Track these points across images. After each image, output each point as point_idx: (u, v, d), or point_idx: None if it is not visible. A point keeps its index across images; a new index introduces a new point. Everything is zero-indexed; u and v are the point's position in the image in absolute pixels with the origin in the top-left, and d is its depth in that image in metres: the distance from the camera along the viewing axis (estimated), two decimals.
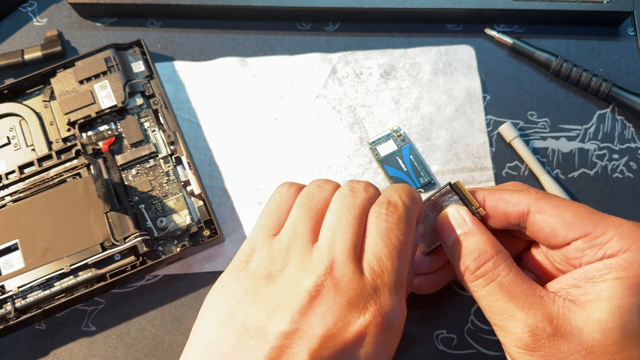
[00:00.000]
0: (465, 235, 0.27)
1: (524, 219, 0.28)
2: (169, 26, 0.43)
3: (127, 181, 0.37)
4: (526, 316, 0.25)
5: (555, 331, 0.24)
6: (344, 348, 0.22)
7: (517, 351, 0.25)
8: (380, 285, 0.24)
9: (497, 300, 0.25)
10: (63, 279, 0.34)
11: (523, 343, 0.25)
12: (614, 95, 0.39)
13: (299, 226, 0.25)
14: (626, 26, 0.42)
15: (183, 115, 0.40)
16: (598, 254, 0.25)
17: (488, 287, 0.26)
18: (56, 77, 0.39)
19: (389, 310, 0.23)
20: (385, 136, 0.38)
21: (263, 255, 0.25)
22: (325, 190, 0.27)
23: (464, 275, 0.27)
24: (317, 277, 0.23)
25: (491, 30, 0.41)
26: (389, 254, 0.24)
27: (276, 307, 0.23)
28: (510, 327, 0.25)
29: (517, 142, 0.38)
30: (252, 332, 0.23)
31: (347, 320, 0.22)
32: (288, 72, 0.41)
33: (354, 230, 0.25)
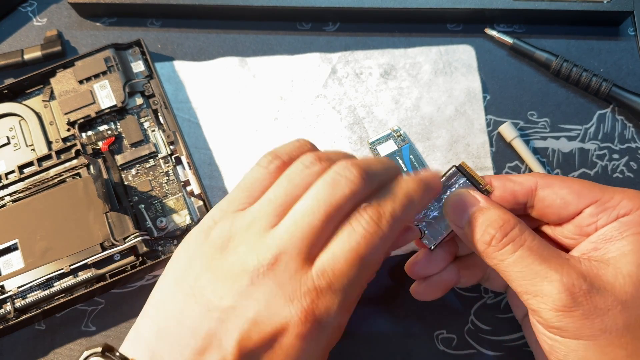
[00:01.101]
0: (480, 210, 0.27)
1: (532, 195, 0.28)
2: (168, 26, 0.43)
3: (127, 181, 0.37)
4: (561, 276, 0.24)
5: (591, 287, 0.24)
6: (270, 336, 0.23)
7: (555, 315, 0.24)
8: (324, 287, 0.23)
9: (529, 264, 0.25)
10: (63, 279, 0.34)
11: (562, 304, 0.24)
12: (614, 95, 0.39)
13: (266, 207, 0.25)
14: (626, 26, 0.42)
15: (183, 115, 0.40)
16: (612, 215, 0.26)
17: (518, 252, 0.26)
18: (56, 77, 0.39)
19: (323, 310, 0.23)
20: (385, 136, 0.38)
21: (224, 228, 0.25)
22: (311, 173, 0.25)
23: (490, 246, 0.26)
24: (261, 264, 0.23)
25: (491, 30, 0.41)
26: (348, 261, 0.24)
27: (221, 280, 0.24)
28: (545, 290, 0.24)
29: (517, 142, 0.38)
30: (198, 297, 0.24)
31: (276, 311, 0.23)
32: (288, 72, 0.41)
33: (317, 229, 0.24)
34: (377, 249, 0.24)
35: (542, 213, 0.28)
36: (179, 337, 0.23)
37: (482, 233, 0.27)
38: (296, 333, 0.23)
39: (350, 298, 0.24)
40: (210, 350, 0.23)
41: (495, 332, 0.35)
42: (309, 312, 0.23)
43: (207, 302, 0.23)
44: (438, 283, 0.31)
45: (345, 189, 0.24)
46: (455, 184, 0.30)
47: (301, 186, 0.25)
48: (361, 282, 0.24)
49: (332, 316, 0.23)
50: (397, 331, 0.35)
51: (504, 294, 0.35)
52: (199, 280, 0.24)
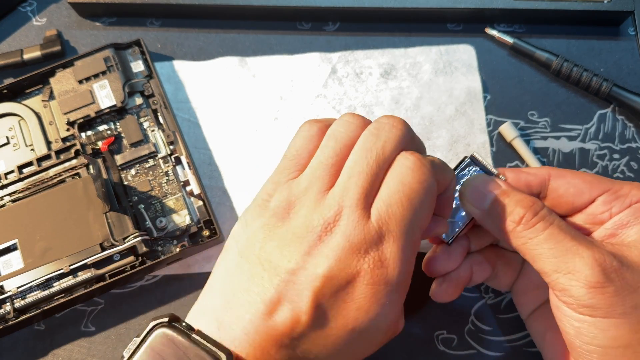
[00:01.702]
0: (505, 193, 0.27)
1: (545, 186, 0.28)
2: (168, 26, 0.43)
3: (127, 181, 0.37)
4: (592, 252, 0.24)
5: (622, 264, 0.24)
6: (343, 288, 0.23)
7: (587, 292, 0.24)
8: (385, 233, 0.24)
9: (560, 241, 0.25)
10: (62, 279, 0.34)
11: (595, 280, 0.24)
12: (614, 95, 0.39)
13: (318, 171, 0.25)
14: (627, 26, 0.42)
15: (182, 115, 0.40)
16: (625, 202, 0.27)
17: (549, 230, 0.26)
18: (55, 77, 0.38)
19: (389, 256, 0.24)
20: None
21: (282, 197, 0.25)
22: (353, 127, 0.26)
23: (519, 224, 0.26)
24: (325, 221, 0.24)
25: (492, 30, 0.41)
26: (400, 202, 0.24)
27: (287, 245, 0.24)
28: (577, 266, 0.24)
29: (518, 141, 0.38)
30: (265, 264, 0.24)
31: (347, 263, 0.23)
32: (288, 72, 0.41)
33: (370, 176, 0.24)
34: (424, 188, 0.25)
35: (556, 203, 0.29)
36: (248, 303, 0.24)
37: (510, 212, 0.27)
38: (367, 281, 0.23)
39: (410, 242, 0.25)
40: (279, 309, 0.23)
41: (496, 333, 0.35)
42: (376, 259, 0.24)
43: (275, 267, 0.24)
44: (457, 280, 0.31)
45: (389, 135, 0.25)
46: (468, 175, 0.30)
47: (348, 143, 0.26)
48: (418, 225, 0.25)
49: (398, 263, 0.24)
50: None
51: (504, 295, 0.35)
52: (264, 249, 0.25)
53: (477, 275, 0.32)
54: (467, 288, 0.36)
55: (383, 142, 0.25)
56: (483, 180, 0.28)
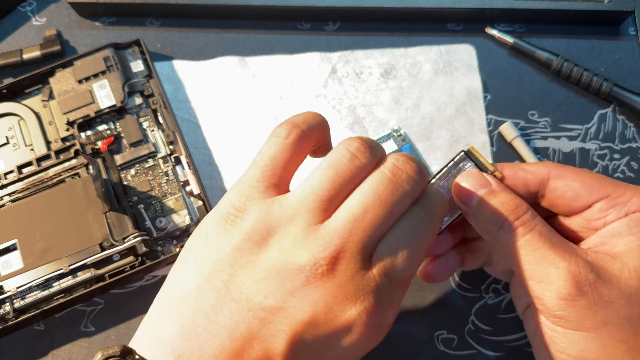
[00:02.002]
0: (492, 193, 0.27)
1: (544, 185, 0.28)
2: (168, 25, 0.43)
3: (126, 181, 0.37)
4: (568, 263, 0.24)
5: (597, 278, 0.24)
6: (326, 336, 0.21)
7: (559, 303, 0.24)
8: (385, 284, 0.22)
9: (537, 248, 0.25)
10: (62, 279, 0.34)
11: (566, 292, 0.24)
12: (615, 95, 0.38)
13: (310, 201, 0.23)
14: (627, 26, 0.42)
15: (182, 115, 0.40)
16: (622, 211, 0.26)
17: (528, 235, 0.25)
18: (55, 77, 0.38)
19: (384, 310, 0.22)
20: (385, 136, 0.38)
21: (259, 219, 0.23)
22: (359, 163, 0.23)
23: (501, 228, 0.26)
24: (318, 262, 0.21)
25: (492, 30, 0.41)
26: (407, 255, 0.23)
27: (265, 279, 0.22)
28: (551, 277, 0.24)
29: (518, 141, 0.38)
30: (234, 294, 0.22)
31: (337, 311, 0.21)
32: (288, 72, 0.41)
33: (379, 225, 0.23)
34: (429, 242, 0.24)
35: (553, 203, 0.28)
36: (211, 337, 0.21)
37: (493, 214, 0.26)
38: (358, 334, 0.22)
39: (404, 292, 0.24)
40: (250, 352, 0.21)
41: (496, 333, 0.35)
42: (373, 313, 0.22)
43: (247, 300, 0.21)
44: (445, 264, 0.31)
45: (406, 188, 0.23)
46: (463, 170, 0.29)
47: (348, 179, 0.23)
48: (413, 273, 0.24)
49: (391, 313, 0.23)
50: (397, 331, 0.35)
51: (504, 295, 0.35)
52: (234, 277, 0.22)
53: (471, 262, 0.32)
54: (468, 288, 0.35)
55: (400, 195, 0.23)
56: (473, 178, 0.28)
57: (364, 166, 0.24)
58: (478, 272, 0.36)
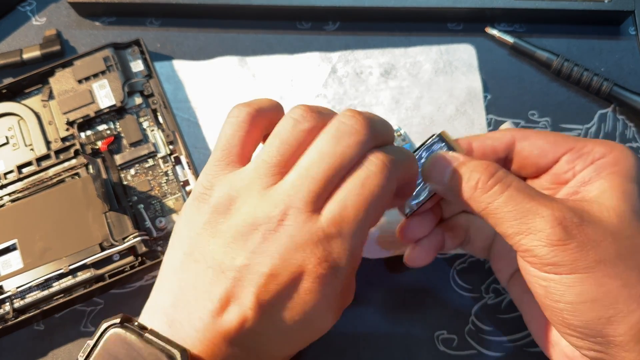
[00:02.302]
0: (462, 163, 0.27)
1: (511, 149, 0.29)
2: (168, 25, 0.43)
3: (126, 181, 0.37)
4: (552, 210, 0.24)
5: (582, 219, 0.24)
6: (286, 285, 0.23)
7: (550, 250, 0.24)
8: (334, 233, 0.24)
9: (519, 202, 0.25)
10: (62, 279, 0.34)
11: (555, 237, 0.24)
12: (615, 95, 0.38)
13: (262, 169, 0.25)
14: (627, 25, 0.42)
15: (182, 115, 0.40)
16: (588, 159, 0.27)
17: (507, 192, 0.25)
18: (55, 77, 0.38)
19: (336, 256, 0.24)
20: None
21: (222, 191, 0.25)
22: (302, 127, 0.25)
23: (476, 189, 0.26)
24: (270, 219, 0.24)
25: (492, 29, 0.41)
26: (356, 204, 0.24)
27: (231, 242, 0.24)
28: (538, 226, 0.24)
29: None
30: (209, 262, 0.24)
31: (292, 262, 0.23)
32: (288, 72, 0.41)
33: (324, 182, 0.24)
34: (384, 191, 0.25)
35: (521, 165, 0.29)
36: (196, 301, 0.24)
37: (467, 179, 0.27)
38: (312, 279, 0.23)
39: (359, 241, 0.25)
40: (227, 309, 0.23)
41: (496, 333, 0.35)
42: (322, 259, 0.23)
43: (219, 264, 0.24)
44: (428, 246, 0.32)
45: (350, 141, 0.24)
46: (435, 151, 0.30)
47: (294, 144, 0.25)
48: (369, 224, 0.25)
49: (344, 260, 0.24)
50: (397, 332, 0.35)
51: (504, 295, 0.35)
52: (208, 246, 0.24)
53: (450, 242, 0.32)
54: (468, 288, 0.35)
55: (343, 149, 0.24)
56: (442, 156, 0.28)
57: (309, 130, 0.25)
58: (478, 272, 0.36)
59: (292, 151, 0.25)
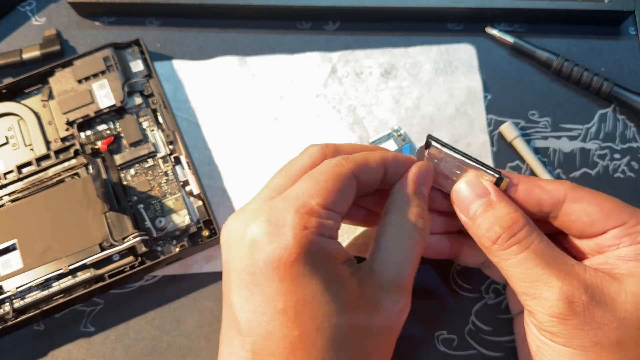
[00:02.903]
0: (489, 205, 0.27)
1: (558, 207, 0.27)
2: (168, 25, 0.43)
3: (126, 181, 0.37)
4: (562, 283, 0.24)
5: (591, 299, 0.24)
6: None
7: (549, 320, 0.24)
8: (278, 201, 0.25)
9: (531, 267, 0.25)
10: (61, 279, 0.34)
11: (558, 311, 0.24)
12: (615, 95, 0.38)
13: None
14: (627, 25, 0.42)
15: (182, 115, 0.40)
16: (636, 239, 0.26)
17: (522, 254, 0.25)
18: (55, 77, 0.38)
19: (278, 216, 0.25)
20: (385, 136, 0.38)
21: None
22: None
23: (495, 243, 0.26)
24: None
25: (492, 29, 0.41)
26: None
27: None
28: (544, 294, 0.24)
29: (518, 141, 0.38)
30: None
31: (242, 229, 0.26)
32: (288, 72, 0.41)
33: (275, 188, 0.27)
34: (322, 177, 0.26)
35: (565, 225, 0.28)
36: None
37: (488, 229, 0.26)
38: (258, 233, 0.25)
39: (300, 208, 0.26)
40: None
41: (496, 333, 0.35)
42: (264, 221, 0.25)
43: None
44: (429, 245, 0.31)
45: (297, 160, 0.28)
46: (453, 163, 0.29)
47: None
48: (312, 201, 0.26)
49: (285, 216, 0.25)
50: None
51: (504, 295, 0.35)
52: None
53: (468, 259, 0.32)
54: (467, 288, 0.35)
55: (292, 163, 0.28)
56: (471, 186, 0.27)
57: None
58: (478, 273, 0.36)
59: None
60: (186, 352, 0.35)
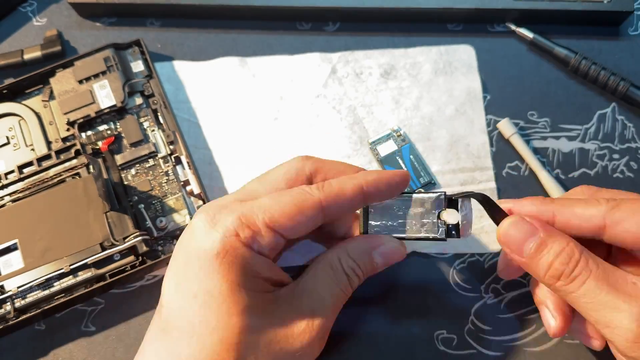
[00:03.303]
0: (543, 244, 0.27)
1: (601, 232, 0.27)
2: (168, 26, 0.43)
3: (127, 181, 0.37)
4: (629, 305, 0.24)
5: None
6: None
7: (629, 346, 0.24)
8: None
9: (597, 295, 0.25)
10: (62, 278, 0.34)
11: (633, 335, 0.24)
12: (632, 96, 0.38)
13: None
14: (627, 26, 0.42)
15: (182, 115, 0.40)
16: None
17: (585, 285, 0.25)
18: (55, 77, 0.38)
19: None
20: (385, 136, 0.38)
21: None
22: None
23: (559, 279, 0.26)
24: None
25: (511, 25, 0.41)
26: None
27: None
28: (616, 321, 0.24)
29: (516, 138, 0.38)
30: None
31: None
32: (288, 72, 0.41)
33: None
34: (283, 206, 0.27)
35: (616, 244, 0.28)
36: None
37: (548, 268, 0.26)
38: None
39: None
40: None
41: (496, 332, 0.35)
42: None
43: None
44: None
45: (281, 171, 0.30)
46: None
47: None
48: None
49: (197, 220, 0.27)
50: (397, 331, 0.35)
51: (504, 295, 0.35)
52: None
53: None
54: (467, 288, 0.36)
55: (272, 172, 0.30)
56: (519, 227, 0.27)
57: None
58: (478, 272, 0.36)
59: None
60: None
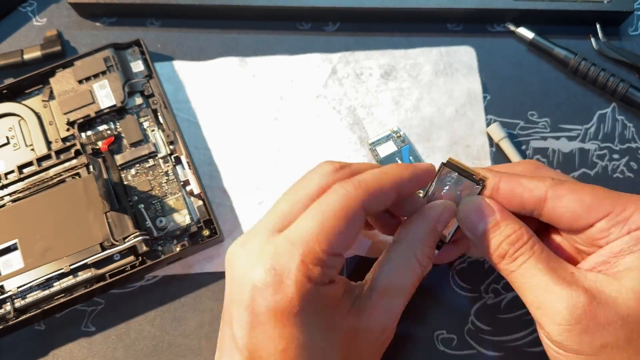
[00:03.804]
0: (496, 225, 0.27)
1: (541, 205, 0.28)
2: (168, 26, 0.43)
3: (127, 181, 0.37)
4: (565, 291, 0.25)
5: (593, 299, 0.24)
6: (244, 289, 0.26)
7: (557, 329, 0.25)
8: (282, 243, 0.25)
9: (534, 275, 0.26)
10: (62, 279, 0.34)
11: (563, 318, 0.24)
12: (631, 97, 0.38)
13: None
14: (627, 26, 0.42)
15: (182, 115, 0.40)
16: (624, 229, 0.26)
17: (526, 264, 0.26)
18: (55, 77, 0.38)
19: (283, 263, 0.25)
20: (385, 137, 0.38)
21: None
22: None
23: (503, 258, 0.27)
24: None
25: (511, 25, 0.41)
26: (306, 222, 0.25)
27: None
28: (548, 303, 0.25)
29: (505, 142, 0.38)
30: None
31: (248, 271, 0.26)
32: (288, 72, 0.41)
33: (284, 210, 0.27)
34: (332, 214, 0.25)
35: (552, 221, 0.28)
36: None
37: (496, 247, 0.27)
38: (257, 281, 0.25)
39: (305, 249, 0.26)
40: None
41: (496, 332, 0.35)
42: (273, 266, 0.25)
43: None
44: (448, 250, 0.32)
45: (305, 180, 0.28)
46: (448, 182, 0.30)
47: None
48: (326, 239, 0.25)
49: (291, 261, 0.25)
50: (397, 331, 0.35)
51: (504, 295, 0.35)
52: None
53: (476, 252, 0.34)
54: (467, 288, 0.36)
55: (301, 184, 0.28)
56: (476, 207, 0.28)
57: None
58: (477, 273, 0.36)
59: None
60: (187, 352, 0.35)
